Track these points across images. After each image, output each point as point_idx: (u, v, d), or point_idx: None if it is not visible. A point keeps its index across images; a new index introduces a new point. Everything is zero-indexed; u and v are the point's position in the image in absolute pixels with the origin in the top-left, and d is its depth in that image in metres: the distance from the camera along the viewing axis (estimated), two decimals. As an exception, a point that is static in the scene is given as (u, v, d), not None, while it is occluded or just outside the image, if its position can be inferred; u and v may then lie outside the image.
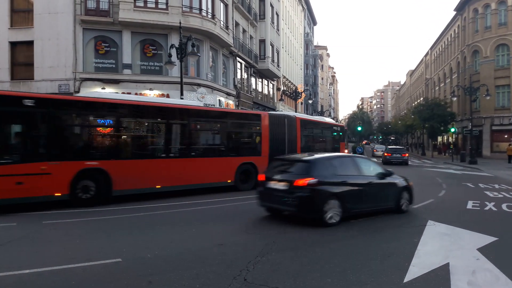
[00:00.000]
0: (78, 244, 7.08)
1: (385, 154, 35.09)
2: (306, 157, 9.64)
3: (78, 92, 22.13)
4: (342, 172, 9.31)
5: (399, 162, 32.45)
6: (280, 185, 8.92)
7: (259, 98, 37.99)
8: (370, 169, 10.23)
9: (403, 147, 44.74)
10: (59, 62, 22.36)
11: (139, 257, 6.20)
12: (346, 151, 29.42)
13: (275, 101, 43.47)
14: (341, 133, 26.38)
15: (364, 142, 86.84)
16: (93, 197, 11.13)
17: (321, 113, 76.56)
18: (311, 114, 68.08)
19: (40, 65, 22.48)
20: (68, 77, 22.29)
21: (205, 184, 14.01)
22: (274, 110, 41.76)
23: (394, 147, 40.98)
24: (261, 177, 9.79)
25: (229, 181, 14.72)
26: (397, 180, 10.66)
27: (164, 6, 23.17)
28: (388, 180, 10.32)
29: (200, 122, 14.93)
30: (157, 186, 12.60)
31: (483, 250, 6.77)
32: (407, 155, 34.85)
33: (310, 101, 50.13)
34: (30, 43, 22.68)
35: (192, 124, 14.32)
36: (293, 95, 36.90)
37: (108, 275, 5.43)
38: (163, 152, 13.24)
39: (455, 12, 51.88)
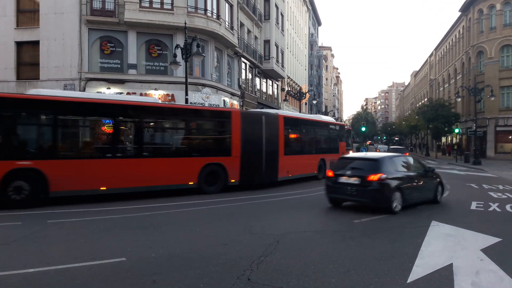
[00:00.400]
0: (83, 243, 7.13)
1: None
2: (373, 156, 11.56)
3: (83, 91, 22.25)
4: (400, 169, 11.12)
5: None
6: (352, 180, 10.57)
7: (264, 98, 38.02)
8: (417, 166, 12.31)
9: (404, 147, 49.10)
10: (64, 62, 22.49)
11: (143, 257, 6.25)
12: (351, 152, 28.46)
13: (280, 101, 43.48)
14: (341, 132, 24.73)
15: (368, 143, 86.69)
16: (27, 198, 10.61)
17: (326, 113, 76.41)
18: (315, 114, 68.08)
19: (46, 65, 22.62)
20: (73, 77, 22.41)
21: (160, 186, 13.06)
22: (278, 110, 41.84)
23: (396, 147, 46.81)
24: (330, 173, 11.44)
25: (190, 183, 13.71)
26: (434, 175, 12.54)
27: (169, 7, 23.25)
28: (429, 175, 12.26)
29: (154, 120, 14.21)
30: (101, 188, 11.90)
31: (487, 251, 6.76)
32: (407, 154, 35.29)
33: (314, 102, 50.22)
34: (36, 43, 22.83)
35: (144, 122, 13.50)
36: (298, 95, 36.89)
37: (112, 274, 5.48)
38: (108, 152, 12.44)
39: (460, 13, 51.67)
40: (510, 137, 41.75)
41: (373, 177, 10.12)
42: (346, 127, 31.62)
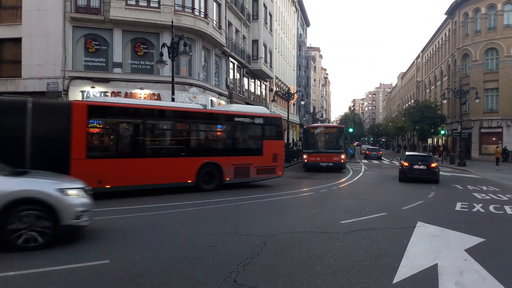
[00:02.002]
0: (66, 246, 6.97)
1: (366, 151, 50.46)
2: (425, 154, 22.57)
3: (67, 90, 21.95)
4: None
5: (376, 157, 47.34)
6: (421, 167, 19.57)
7: (252, 98, 37.98)
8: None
9: (378, 147, 61.71)
10: (47, 60, 22.09)
11: (127, 259, 6.15)
12: (304, 156, 26.99)
13: (268, 101, 43.49)
14: (270, 128, 17.59)
15: (355, 144, 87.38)
16: None
17: (314, 114, 76.80)
18: (303, 116, 68.31)
19: (28, 63, 22.17)
20: (57, 75, 22.03)
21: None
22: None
23: (373, 147, 58.37)
24: (406, 163, 20.00)
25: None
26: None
27: (156, 5, 23.04)
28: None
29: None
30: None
31: (471, 251, 6.84)
32: (380, 152, 50.65)
33: (302, 102, 50.39)
34: (18, 40, 22.30)
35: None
36: (286, 96, 36.95)
37: (96, 277, 5.38)
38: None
39: (446, 16, 52.38)
40: (494, 138, 42.42)
41: (433, 165, 19.63)
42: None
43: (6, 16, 22.79)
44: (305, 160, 26.28)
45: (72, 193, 6.91)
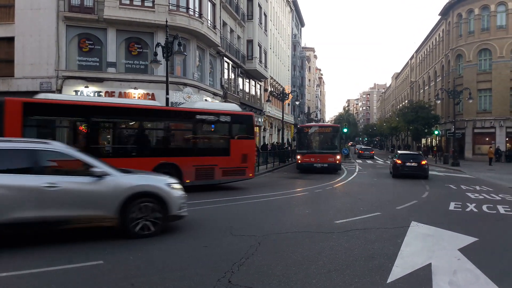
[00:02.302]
0: (59, 245, 6.93)
1: (359, 151, 52.27)
2: (416, 152, 24.72)
3: (60, 90, 21.81)
4: None
5: (369, 156, 49.79)
6: (413, 164, 21.68)
7: (246, 98, 37.96)
8: None
9: (371, 147, 63.57)
10: (41, 59, 21.95)
11: (121, 259, 6.12)
12: (297, 157, 25.85)
13: (263, 101, 43.50)
14: (238, 126, 16.53)
15: (349, 144, 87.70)
16: None
17: (308, 115, 76.95)
18: (298, 116, 68.41)
19: (21, 62, 22.02)
20: (50, 75, 21.91)
21: None
22: (261, 110, 41.84)
23: (366, 147, 60.02)
24: (399, 161, 21.92)
25: None
26: None
27: (150, 4, 22.97)
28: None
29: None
30: None
31: (464, 250, 6.87)
32: (373, 152, 53.39)
33: (297, 102, 50.37)
34: (11, 39, 22.16)
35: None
36: (280, 96, 36.95)
37: (89, 277, 5.35)
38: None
39: (440, 17, 52.68)
40: (487, 139, 42.73)
41: (424, 162, 21.85)
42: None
43: (-1, 15, 22.63)
44: (299, 161, 25.36)
45: (176, 187, 8.04)
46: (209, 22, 26.55)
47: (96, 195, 7.08)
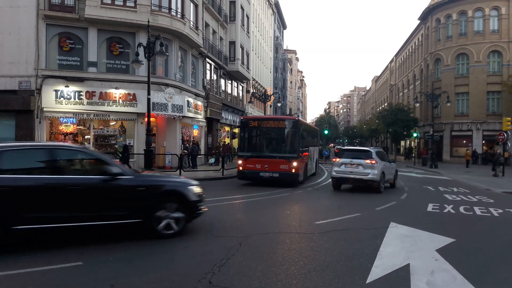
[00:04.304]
0: (36, 247, 6.81)
1: (336, 150, 48.43)
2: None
3: (40, 89, 21.42)
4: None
5: None
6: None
7: (229, 100, 37.94)
8: None
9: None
10: (20, 58, 21.50)
11: (101, 260, 6.05)
12: (239, 161, 18.35)
13: (245, 103, 43.53)
14: None
15: (330, 145, 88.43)
16: None
17: (290, 116, 77.23)
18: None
19: None
20: (29, 74, 21.47)
21: None
22: (243, 112, 41.85)
23: (341, 147, 60.77)
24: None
25: None
26: None
27: (132, 4, 22.75)
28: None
29: None
30: None
31: (442, 251, 7.02)
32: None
33: (279, 104, 50.51)
34: (-12, 37, 21.71)
35: None
36: (263, 97, 37.03)
37: (68, 279, 5.27)
38: None
39: (419, 21, 53.64)
40: (464, 141, 43.67)
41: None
42: None
43: (-24, 12, 22.06)
44: (240, 168, 17.92)
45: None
46: (191, 22, 26.45)
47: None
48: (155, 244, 7.14)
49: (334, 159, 17.67)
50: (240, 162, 18.04)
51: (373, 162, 15.93)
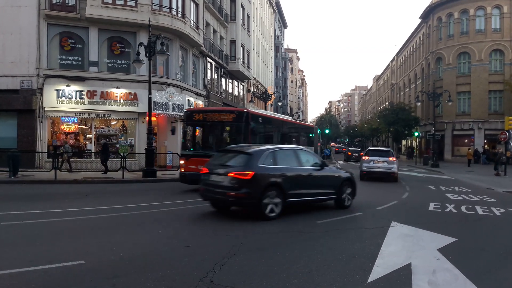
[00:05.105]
0: (40, 246, 6.83)
1: (348, 153, 51.28)
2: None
3: (41, 89, 21.45)
4: None
5: (358, 159, 53.90)
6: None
7: (229, 99, 37.93)
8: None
9: (344, 146, 70.41)
10: (21, 58, 21.56)
11: (103, 259, 6.05)
12: (180, 162, 15.80)
13: (245, 102, 43.51)
14: None
15: (331, 145, 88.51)
16: None
17: (291, 116, 77.15)
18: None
19: (1, 60, 21.60)
20: (31, 73, 21.53)
21: None
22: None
23: (354, 148, 60.65)
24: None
25: None
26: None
27: (133, 4, 22.77)
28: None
29: None
30: None
31: (443, 250, 6.99)
32: (362, 153, 61.02)
33: (279, 103, 50.58)
34: (-10, 37, 21.77)
35: None
36: (263, 97, 37.06)
37: (70, 278, 5.27)
38: None
39: (420, 20, 53.55)
40: (466, 140, 43.61)
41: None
42: None
43: (-22, 12, 22.11)
44: (182, 169, 15.16)
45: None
46: (192, 22, 26.46)
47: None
48: (156, 244, 7.13)
49: (363, 157, 21.82)
50: (181, 162, 15.40)
51: (394, 159, 21.10)
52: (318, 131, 49.26)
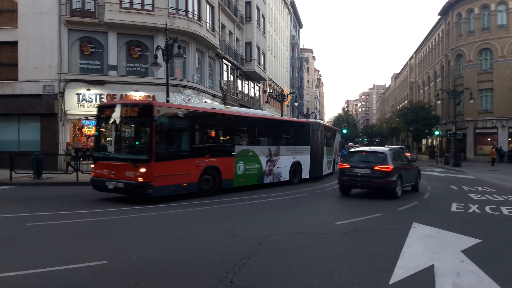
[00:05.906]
0: (64, 246, 6.97)
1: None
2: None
3: (63, 93, 21.90)
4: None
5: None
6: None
7: (245, 100, 38.01)
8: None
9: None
10: (43, 63, 22.07)
11: (125, 260, 6.13)
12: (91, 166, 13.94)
13: (261, 103, 43.53)
14: None
15: (349, 144, 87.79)
16: None
17: (307, 116, 76.90)
18: (297, 117, 68.39)
19: (24, 66, 22.18)
20: (53, 78, 22.02)
21: None
22: (260, 112, 41.82)
23: (356, 145, 62.43)
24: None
25: None
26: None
27: (150, 8, 23.04)
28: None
29: None
30: None
31: (467, 252, 6.82)
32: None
33: (296, 104, 50.45)
34: (14, 44, 22.41)
35: None
36: (279, 97, 37.04)
37: (93, 277, 5.35)
38: None
39: (439, 17, 52.69)
40: (489, 139, 42.68)
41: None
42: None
43: (2, 19, 22.86)
44: (92, 173, 13.23)
45: None
46: (208, 24, 26.61)
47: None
48: (176, 245, 7.19)
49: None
50: (92, 166, 13.52)
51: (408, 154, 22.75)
52: (343, 131, 48.18)
